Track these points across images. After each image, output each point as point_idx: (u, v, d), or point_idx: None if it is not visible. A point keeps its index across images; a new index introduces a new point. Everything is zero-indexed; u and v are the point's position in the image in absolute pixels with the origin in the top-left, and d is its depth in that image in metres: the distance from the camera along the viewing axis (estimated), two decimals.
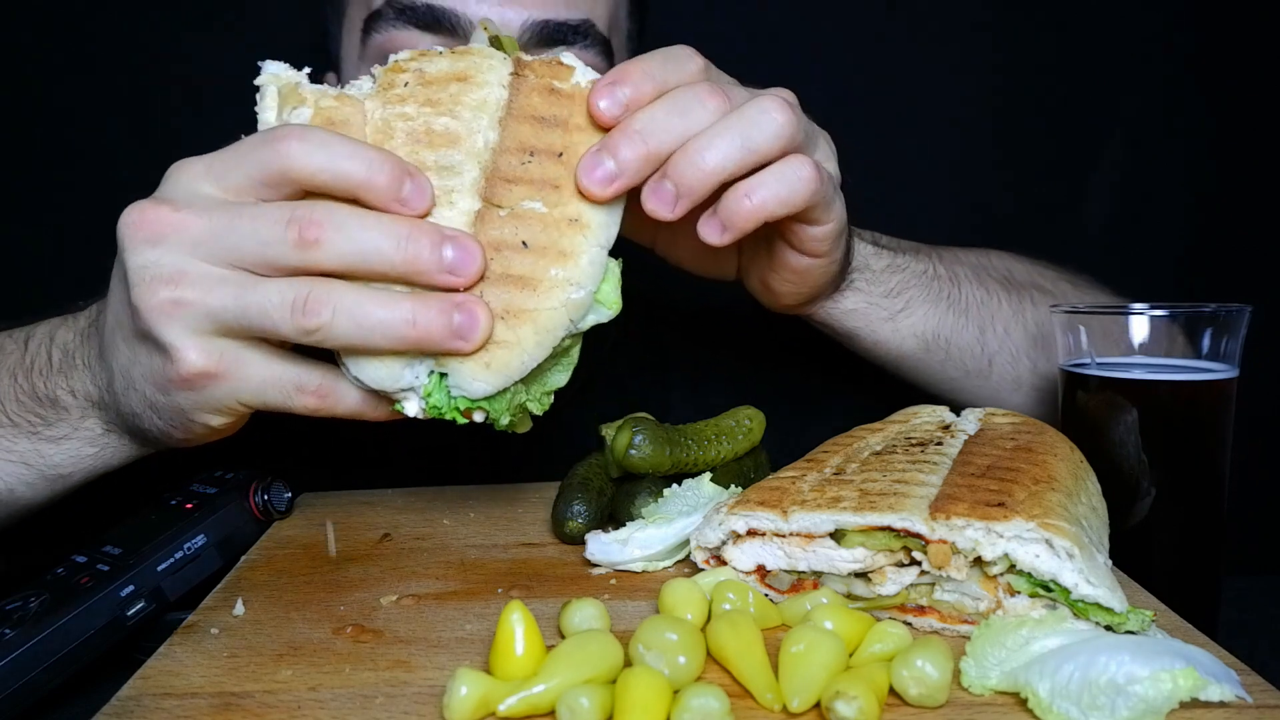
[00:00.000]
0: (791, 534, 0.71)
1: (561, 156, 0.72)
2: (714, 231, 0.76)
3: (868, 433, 0.86)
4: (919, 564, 0.68)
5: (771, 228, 0.87)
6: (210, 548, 0.87)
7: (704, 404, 1.05)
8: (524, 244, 0.69)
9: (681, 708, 0.55)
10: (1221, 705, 0.56)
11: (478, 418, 0.71)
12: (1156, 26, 1.70)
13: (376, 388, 0.70)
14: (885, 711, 0.57)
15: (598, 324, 0.72)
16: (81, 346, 0.85)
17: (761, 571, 0.73)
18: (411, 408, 0.71)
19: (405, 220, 0.67)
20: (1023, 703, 0.57)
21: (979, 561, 0.66)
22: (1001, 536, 0.64)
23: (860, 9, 1.69)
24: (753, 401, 0.99)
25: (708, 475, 0.87)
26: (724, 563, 0.74)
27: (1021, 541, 0.64)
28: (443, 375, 0.69)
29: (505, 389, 0.70)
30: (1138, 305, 0.88)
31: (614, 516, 0.88)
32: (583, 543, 0.82)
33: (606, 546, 0.80)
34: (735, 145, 0.73)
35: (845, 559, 0.69)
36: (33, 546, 0.94)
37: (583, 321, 0.71)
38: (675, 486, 0.86)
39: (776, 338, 1.12)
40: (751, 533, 0.72)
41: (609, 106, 0.72)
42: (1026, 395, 1.12)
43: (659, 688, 0.56)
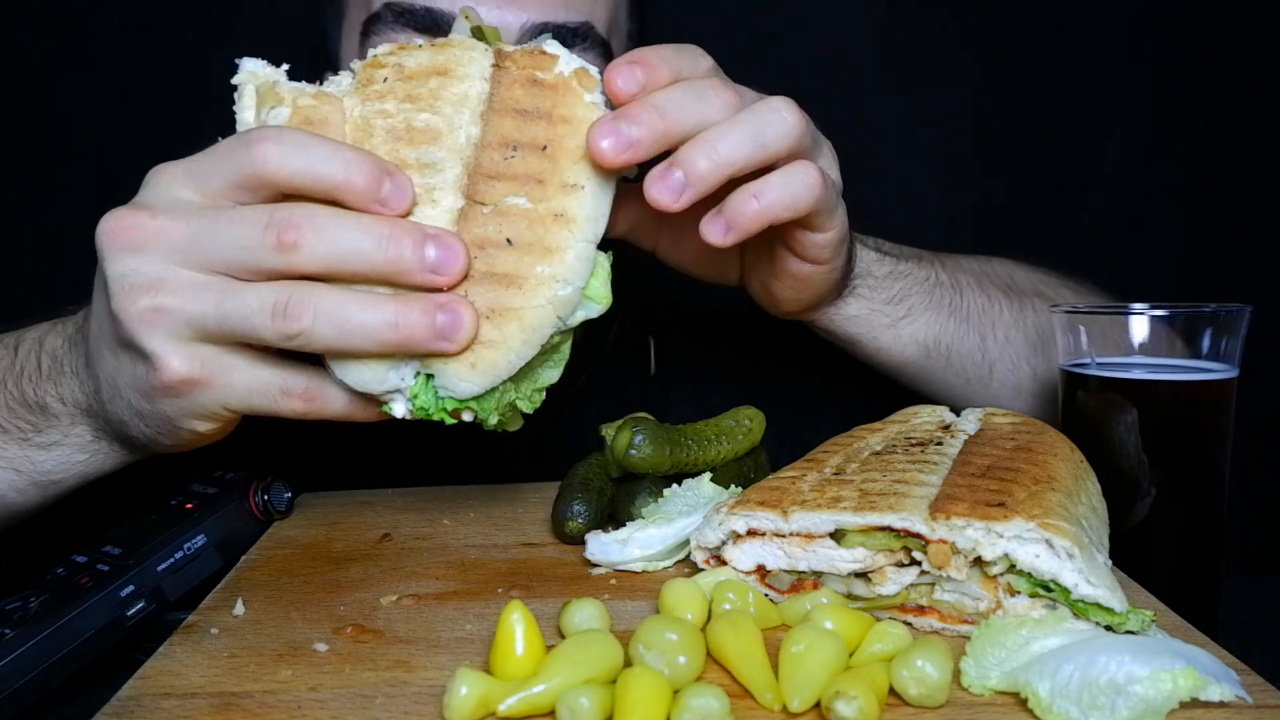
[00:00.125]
0: (791, 534, 0.71)
1: (545, 150, 0.69)
2: (718, 232, 0.75)
3: (868, 433, 0.86)
4: (919, 564, 0.68)
5: (774, 234, 0.87)
6: (210, 548, 0.87)
7: (704, 404, 1.05)
8: (508, 241, 0.68)
9: (681, 708, 0.55)
10: (1221, 705, 0.56)
11: (466, 417, 0.70)
12: (1156, 26, 1.70)
13: (362, 390, 0.70)
14: (885, 711, 0.57)
15: (588, 319, 0.71)
16: (69, 353, 0.84)
17: (761, 571, 0.73)
18: (399, 409, 0.70)
19: (386, 220, 0.66)
20: (1023, 703, 0.57)
21: (979, 561, 0.66)
22: (1001, 536, 0.64)
23: (860, 11, 1.69)
24: (753, 401, 0.99)
25: (708, 475, 0.87)
26: (724, 563, 0.74)
27: (1021, 541, 0.64)
28: (429, 376, 0.69)
29: (493, 388, 0.69)
30: (1138, 305, 0.88)
31: (614, 516, 0.88)
32: (583, 543, 0.82)
33: (606, 546, 0.80)
34: (748, 139, 0.72)
35: (845, 559, 0.69)
36: (33, 547, 0.94)
37: (572, 318, 0.70)
38: (675, 486, 0.86)
39: (776, 338, 1.12)
40: (751, 533, 0.72)
41: (625, 83, 0.71)
42: (1027, 401, 1.12)
43: (659, 688, 0.56)
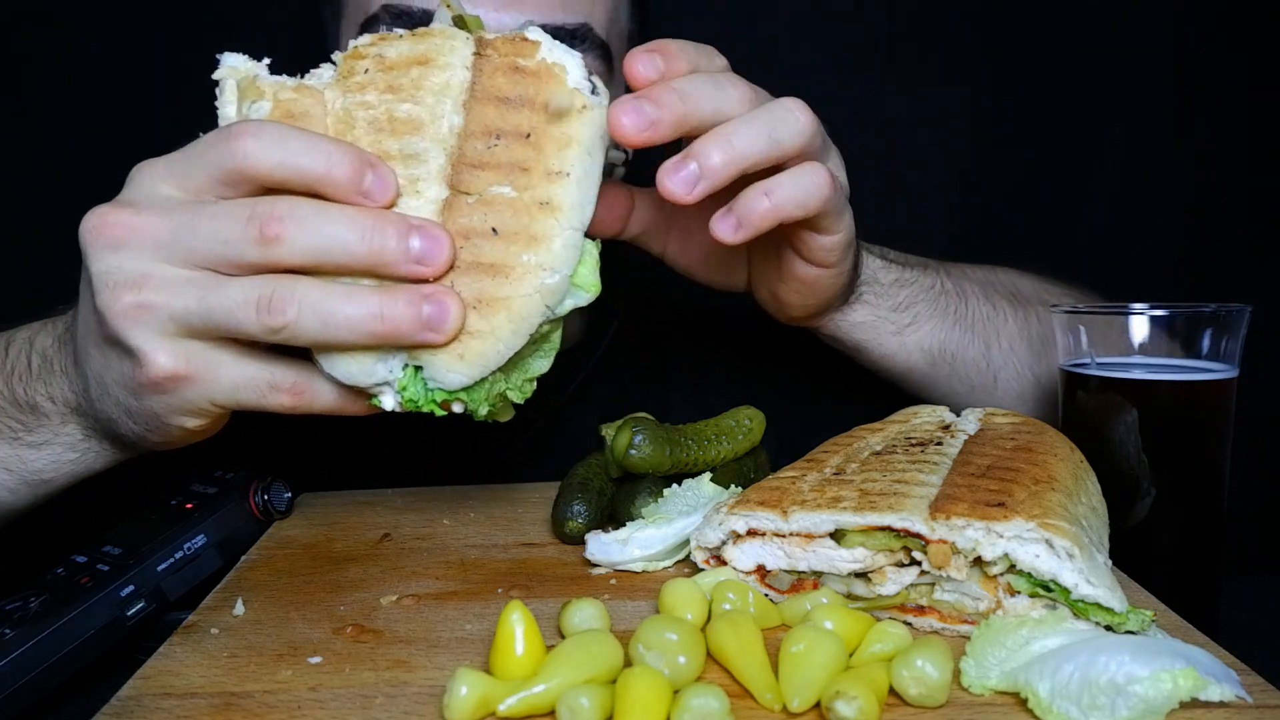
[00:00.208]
0: (791, 534, 0.71)
1: (529, 138, 0.69)
2: (729, 229, 0.75)
3: (868, 433, 0.86)
4: (919, 564, 0.68)
5: (781, 237, 0.87)
6: (210, 548, 0.87)
7: (704, 404, 1.05)
8: (493, 230, 0.67)
9: (681, 708, 0.55)
10: (1221, 705, 0.56)
11: (456, 409, 0.70)
12: (1156, 27, 1.70)
13: (350, 383, 0.69)
14: (885, 711, 0.57)
15: (577, 308, 0.70)
16: (59, 353, 0.84)
17: (761, 571, 0.73)
18: (388, 402, 0.70)
19: (369, 211, 0.66)
20: (1023, 703, 0.57)
21: (979, 561, 0.66)
22: (1001, 536, 0.64)
23: (861, 11, 1.69)
24: (753, 401, 0.99)
25: (708, 475, 0.87)
26: (724, 563, 0.74)
27: (1021, 541, 0.64)
28: (418, 368, 0.68)
29: (483, 379, 0.69)
30: (1138, 305, 0.88)
31: (614, 516, 0.88)
32: (583, 543, 0.82)
33: (606, 546, 0.80)
34: (762, 135, 0.73)
35: (845, 559, 0.69)
36: (33, 547, 0.94)
37: (560, 306, 0.69)
38: (675, 486, 0.86)
39: (777, 338, 1.12)
40: (751, 533, 0.72)
41: (646, 69, 0.73)
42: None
43: (659, 688, 0.56)
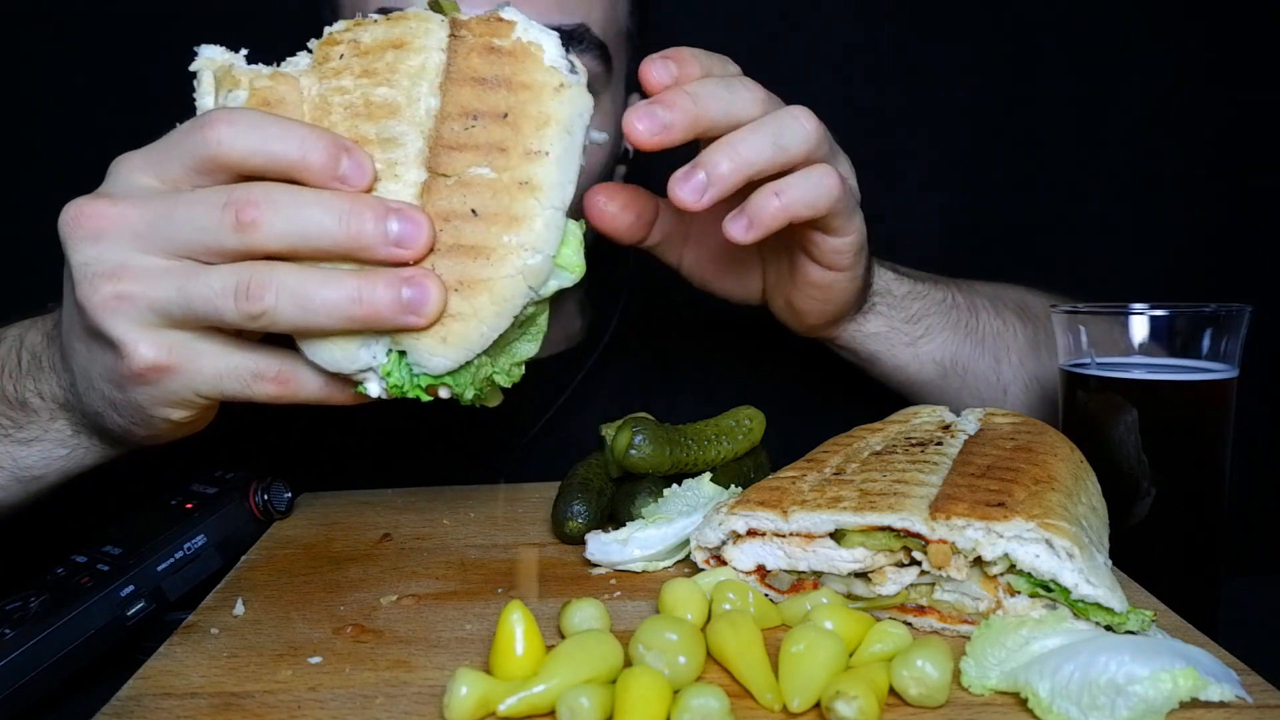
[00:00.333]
0: (791, 534, 0.71)
1: (507, 117, 0.68)
2: (740, 228, 0.77)
3: (868, 433, 0.86)
4: (919, 564, 0.68)
5: (794, 241, 0.89)
6: (210, 548, 0.87)
7: (704, 404, 1.05)
8: (473, 212, 0.66)
9: (681, 708, 0.55)
10: (1221, 705, 0.56)
11: (443, 394, 0.69)
12: (1156, 27, 1.70)
13: (334, 370, 0.69)
14: (885, 711, 0.57)
15: (562, 289, 0.70)
16: (47, 349, 0.84)
17: (761, 571, 0.73)
18: (373, 388, 0.69)
19: (347, 195, 0.65)
20: (1023, 703, 0.57)
21: (979, 561, 0.66)
22: (1001, 536, 0.64)
23: (860, 11, 1.69)
24: (753, 401, 0.99)
25: (708, 475, 0.87)
26: (724, 563, 0.74)
27: (1021, 541, 0.64)
28: (402, 353, 0.68)
29: (469, 362, 0.68)
30: (1138, 305, 0.88)
31: (614, 516, 0.88)
32: (583, 543, 0.82)
33: (606, 546, 0.79)
34: (767, 142, 0.76)
35: (845, 559, 0.69)
36: (33, 547, 0.94)
37: (544, 288, 0.68)
38: (675, 486, 0.86)
39: (777, 338, 1.12)
40: (751, 533, 0.72)
41: (659, 75, 0.75)
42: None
43: (659, 688, 0.56)
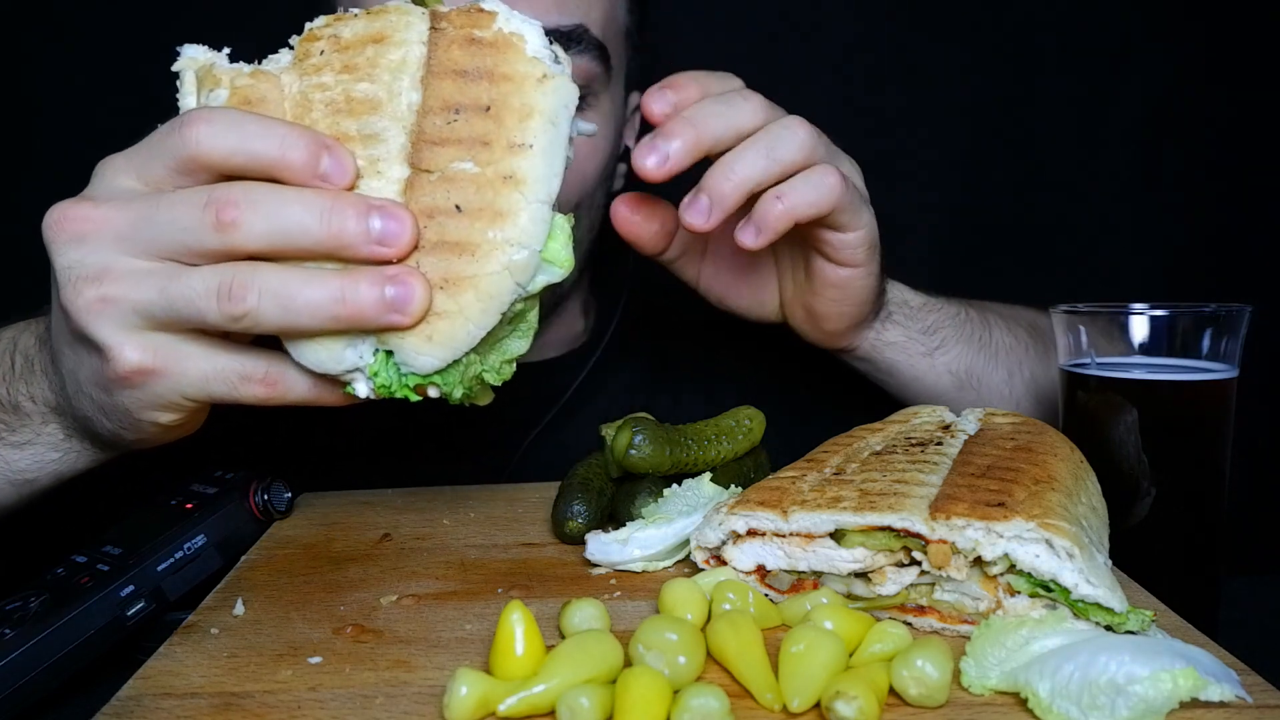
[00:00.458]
0: (791, 534, 0.71)
1: (489, 110, 0.66)
2: (750, 235, 0.81)
3: (868, 433, 0.86)
4: (919, 564, 0.68)
5: (807, 244, 0.91)
6: (210, 548, 0.87)
7: (704, 404, 1.06)
8: (457, 208, 0.65)
9: (681, 708, 0.55)
10: (1221, 705, 0.56)
11: (432, 393, 0.68)
12: (1156, 26, 1.70)
13: (320, 371, 0.67)
14: (885, 711, 0.57)
15: (551, 284, 0.68)
16: (39, 352, 0.84)
17: (761, 571, 0.73)
18: (361, 389, 0.68)
19: (328, 193, 0.64)
20: (1023, 703, 0.57)
21: (979, 561, 0.66)
22: (1001, 536, 0.64)
23: (860, 10, 1.69)
24: (753, 402, 0.99)
25: (708, 475, 0.87)
26: (724, 563, 0.74)
27: (1021, 541, 0.64)
28: (389, 353, 0.67)
29: (457, 361, 0.66)
30: (1138, 305, 0.88)
31: (614, 516, 0.88)
32: (583, 543, 0.82)
33: (606, 546, 0.79)
34: (761, 156, 0.80)
35: (845, 559, 0.69)
36: (33, 547, 0.94)
37: (532, 284, 0.67)
38: (675, 486, 0.86)
39: (777, 339, 1.12)
40: (751, 533, 0.72)
41: (660, 106, 0.80)
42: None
43: (659, 688, 0.56)
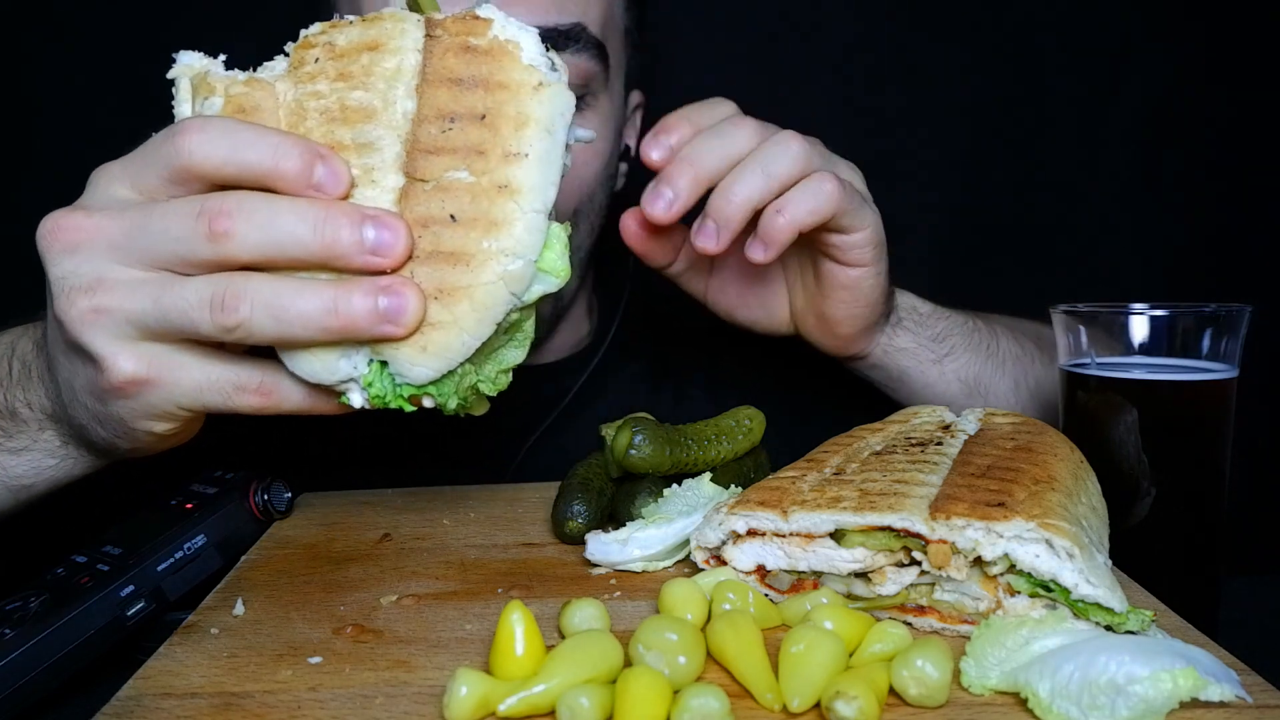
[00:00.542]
0: (791, 534, 0.71)
1: (484, 119, 0.65)
2: (758, 250, 0.86)
3: (868, 433, 0.86)
4: (919, 564, 0.68)
5: (814, 249, 0.93)
6: (210, 548, 0.87)
7: (704, 404, 1.06)
8: (452, 217, 0.64)
9: (681, 708, 0.55)
10: (1221, 705, 0.56)
11: (427, 404, 0.68)
12: (1156, 26, 1.70)
13: (314, 381, 0.67)
14: (885, 711, 0.57)
15: (547, 294, 0.68)
16: (36, 359, 0.83)
17: (761, 571, 0.73)
18: (356, 399, 0.68)
19: (321, 202, 0.64)
20: (1023, 703, 0.57)
21: (979, 561, 0.66)
22: (1001, 536, 0.64)
23: (860, 10, 1.69)
24: (753, 401, 0.99)
25: (708, 475, 0.87)
26: (724, 563, 0.74)
27: (1021, 541, 0.64)
28: (383, 363, 0.66)
29: (451, 371, 0.66)
30: (1138, 305, 0.88)
31: (614, 516, 0.88)
32: (583, 543, 0.82)
33: (606, 546, 0.79)
34: (757, 175, 0.84)
35: (845, 559, 0.69)
36: (33, 547, 0.94)
37: (528, 293, 0.66)
38: (675, 486, 0.86)
39: (777, 339, 1.12)
40: (751, 533, 0.72)
41: (659, 154, 0.86)
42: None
43: (659, 688, 0.56)
